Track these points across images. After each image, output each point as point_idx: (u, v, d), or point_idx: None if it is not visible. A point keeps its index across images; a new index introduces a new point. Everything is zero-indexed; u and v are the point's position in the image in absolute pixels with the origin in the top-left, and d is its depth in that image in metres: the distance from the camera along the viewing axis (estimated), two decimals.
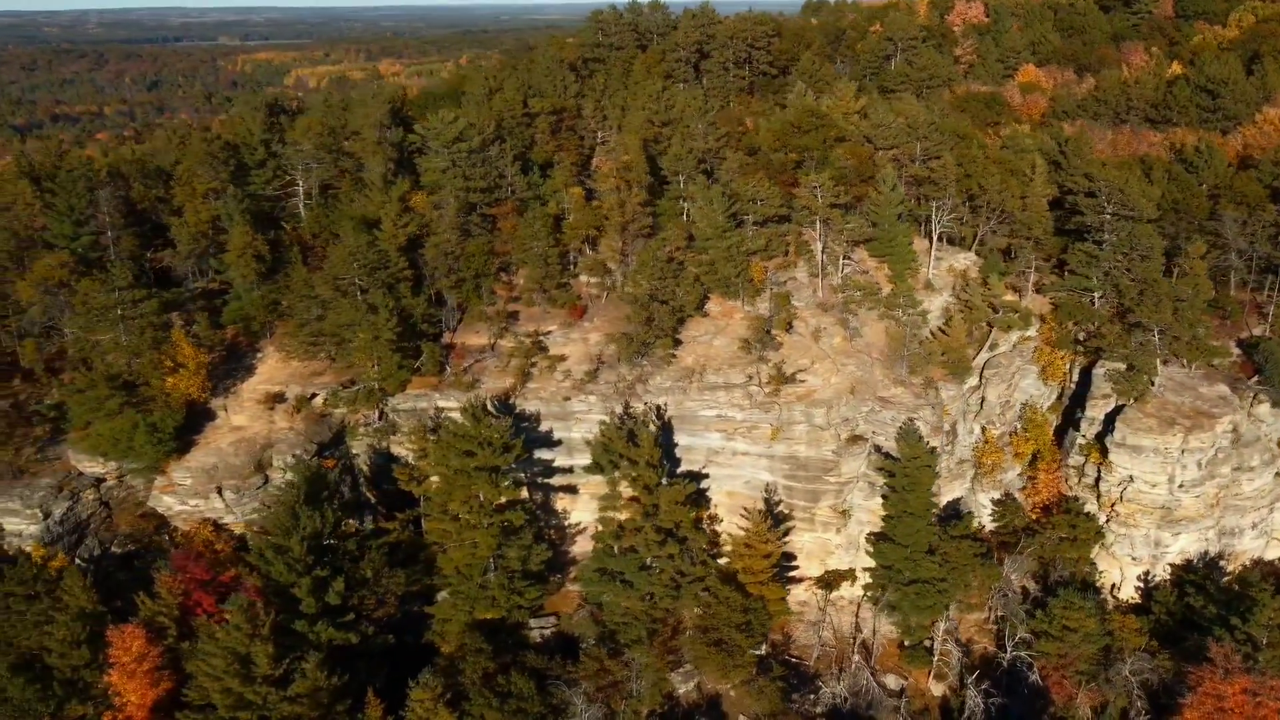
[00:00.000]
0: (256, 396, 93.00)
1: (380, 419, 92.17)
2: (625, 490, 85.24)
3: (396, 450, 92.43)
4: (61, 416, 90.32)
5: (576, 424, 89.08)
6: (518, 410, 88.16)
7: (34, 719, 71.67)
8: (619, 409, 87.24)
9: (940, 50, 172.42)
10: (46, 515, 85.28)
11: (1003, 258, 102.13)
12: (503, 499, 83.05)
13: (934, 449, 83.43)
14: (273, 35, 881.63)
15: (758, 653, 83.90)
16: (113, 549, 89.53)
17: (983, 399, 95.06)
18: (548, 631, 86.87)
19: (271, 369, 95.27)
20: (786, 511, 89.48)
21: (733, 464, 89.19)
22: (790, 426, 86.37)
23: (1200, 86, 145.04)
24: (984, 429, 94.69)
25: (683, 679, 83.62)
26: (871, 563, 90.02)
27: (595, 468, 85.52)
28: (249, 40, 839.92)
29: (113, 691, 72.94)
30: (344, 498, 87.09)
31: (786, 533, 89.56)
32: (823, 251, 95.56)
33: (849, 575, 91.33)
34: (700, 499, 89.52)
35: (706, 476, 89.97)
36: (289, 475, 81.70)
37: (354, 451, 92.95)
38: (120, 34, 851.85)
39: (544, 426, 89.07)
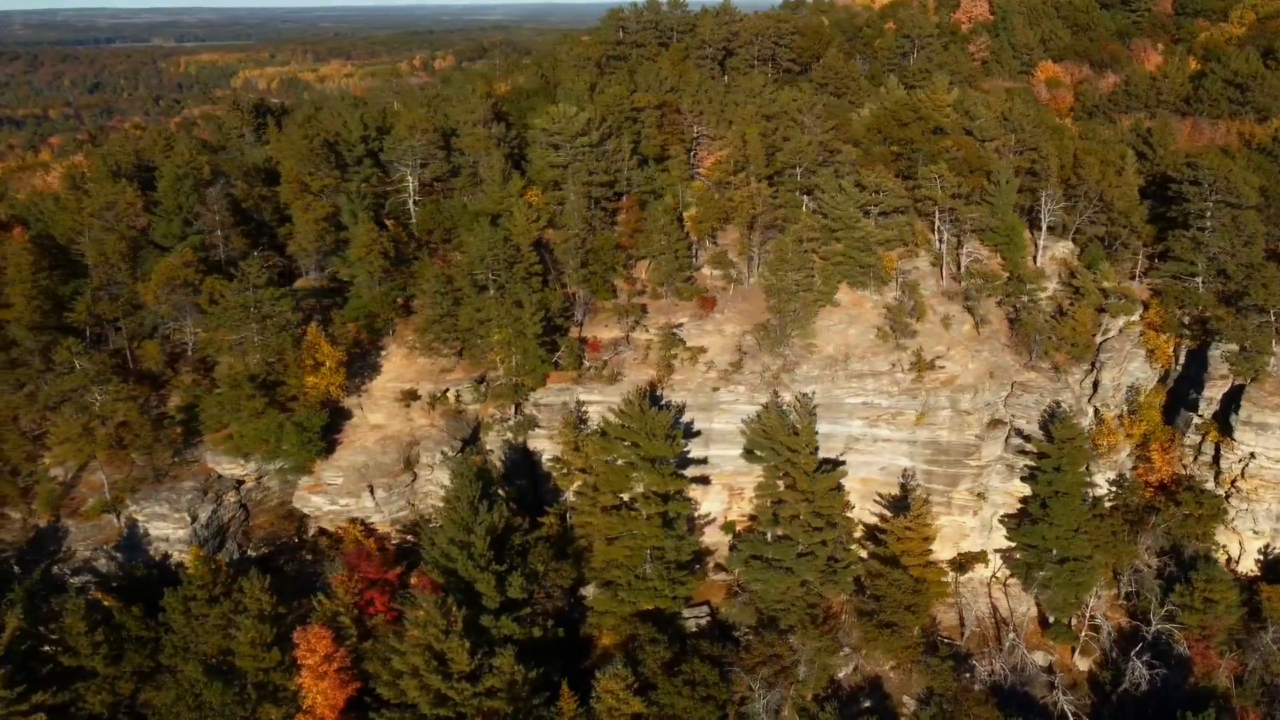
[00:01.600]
0: (389, 394, 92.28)
1: (516, 414, 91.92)
2: (774, 478, 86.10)
3: (533, 445, 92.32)
4: (192, 419, 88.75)
5: (719, 414, 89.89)
6: (664, 402, 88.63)
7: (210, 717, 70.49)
8: (766, 398, 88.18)
9: (949, 48, 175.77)
10: (194, 519, 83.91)
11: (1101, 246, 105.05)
12: (669, 489, 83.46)
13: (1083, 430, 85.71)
14: (209, 36, 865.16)
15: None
16: (249, 552, 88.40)
17: (1095, 383, 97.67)
18: (703, 620, 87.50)
19: (398, 366, 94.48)
20: (923, 496, 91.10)
21: (871, 450, 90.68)
22: (935, 412, 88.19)
23: (1228, 80, 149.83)
24: (1099, 411, 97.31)
25: (842, 662, 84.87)
26: (1003, 544, 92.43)
27: (751, 456, 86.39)
28: (185, 41, 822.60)
29: (303, 693, 72.25)
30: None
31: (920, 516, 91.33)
32: (941, 242, 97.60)
33: (981, 557, 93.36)
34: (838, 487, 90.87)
35: (844, 463, 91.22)
36: (457, 471, 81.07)
37: (488, 447, 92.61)
38: (49, 35, 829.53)
39: (686, 417, 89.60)
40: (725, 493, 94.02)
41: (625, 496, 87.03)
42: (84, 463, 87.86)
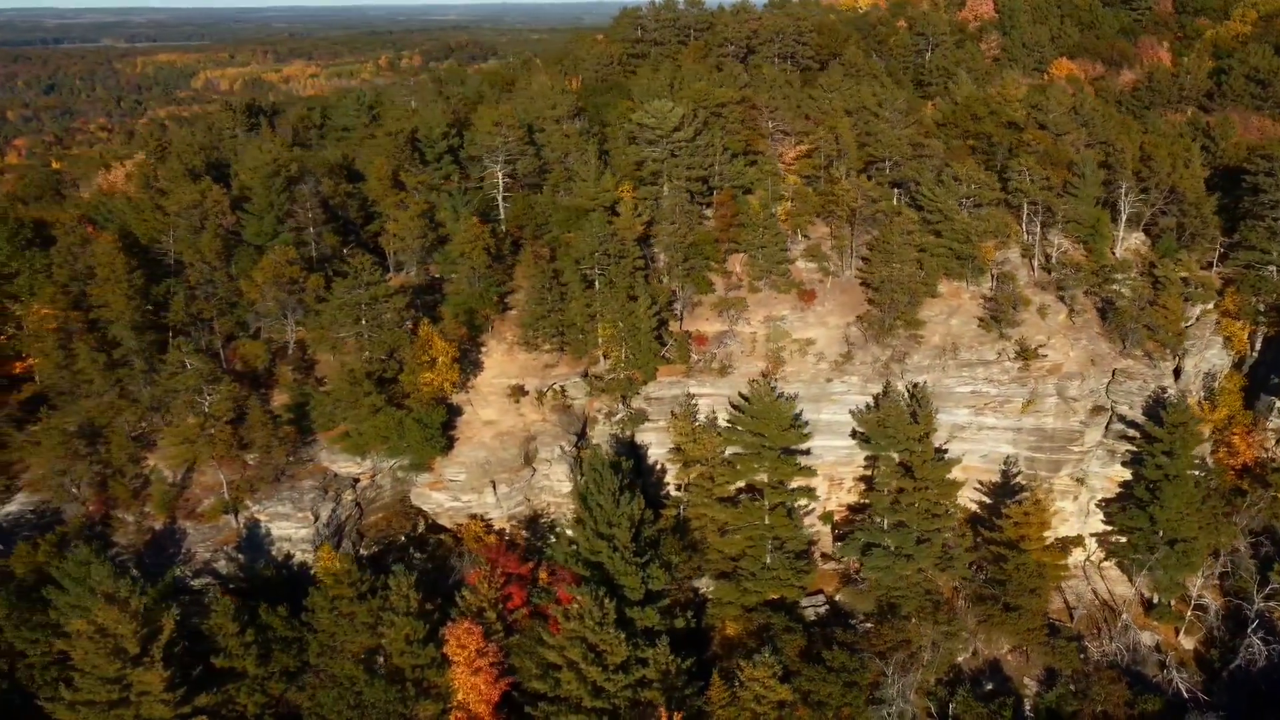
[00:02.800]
0: (495, 390, 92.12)
1: (624, 408, 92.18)
2: (891, 466, 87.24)
3: (641, 439, 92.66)
4: (301, 417, 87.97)
5: (829, 405, 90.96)
6: (778, 393, 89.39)
7: (390, 718, 70.16)
8: (878, 389, 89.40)
9: (963, 45, 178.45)
10: (316, 518, 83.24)
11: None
12: (794, 482, 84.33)
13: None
14: (160, 37, 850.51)
15: None
16: (360, 550, 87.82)
17: (1177, 369, 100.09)
18: (821, 609, 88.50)
19: (500, 362, 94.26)
20: (1024, 483, 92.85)
21: (976, 439, 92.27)
22: (1041, 399, 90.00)
23: (1249, 76, 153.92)
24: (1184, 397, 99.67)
25: (962, 646, 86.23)
26: (1099, 528, 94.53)
27: (867, 444, 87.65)
28: (135, 42, 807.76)
29: (455, 689, 72.25)
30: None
31: (1021, 503, 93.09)
32: (1028, 234, 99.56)
33: (1078, 541, 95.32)
34: None
35: (946, 452, 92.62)
36: (591, 463, 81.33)
37: (594, 441, 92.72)
38: None
39: (794, 408, 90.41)
40: (825, 483, 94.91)
41: (735, 486, 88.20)
42: (192, 463, 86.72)
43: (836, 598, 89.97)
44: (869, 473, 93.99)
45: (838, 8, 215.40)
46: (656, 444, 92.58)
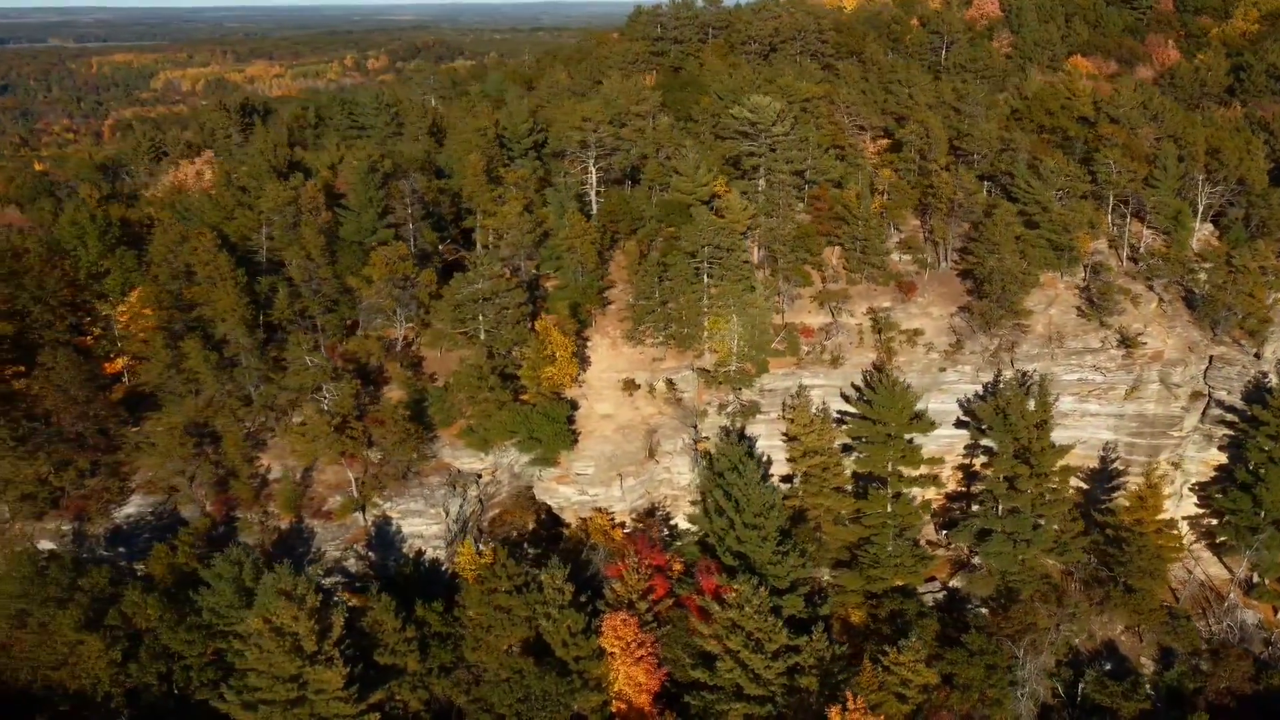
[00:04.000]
0: (607, 384, 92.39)
1: (735, 400, 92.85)
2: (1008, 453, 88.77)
3: (751, 430, 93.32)
4: (420, 414, 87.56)
5: (939, 394, 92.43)
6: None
7: (557, 710, 70.28)
8: (988, 378, 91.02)
9: (980, 43, 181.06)
10: (447, 514, 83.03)
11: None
12: (917, 470, 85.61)
13: None
14: (110, 36, 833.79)
15: None
16: (480, 546, 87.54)
17: (1256, 354, 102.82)
18: (939, 594, 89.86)
19: (607, 357, 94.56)
20: (1121, 468, 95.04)
21: (1079, 425, 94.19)
22: (1144, 386, 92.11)
23: (1268, 73, 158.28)
24: None
25: (1078, 628, 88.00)
26: (1192, 511, 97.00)
27: (981, 433, 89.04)
28: (85, 42, 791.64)
29: (612, 680, 72.68)
30: None
31: (1117, 488, 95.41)
32: (1116, 225, 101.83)
33: (1171, 524, 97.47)
34: None
35: None
36: (724, 452, 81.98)
37: (703, 434, 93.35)
38: None
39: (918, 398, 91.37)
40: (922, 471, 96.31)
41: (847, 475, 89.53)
42: (310, 462, 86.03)
43: (951, 583, 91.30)
44: (967, 461, 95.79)
45: (824, 6, 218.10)
46: (765, 435, 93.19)
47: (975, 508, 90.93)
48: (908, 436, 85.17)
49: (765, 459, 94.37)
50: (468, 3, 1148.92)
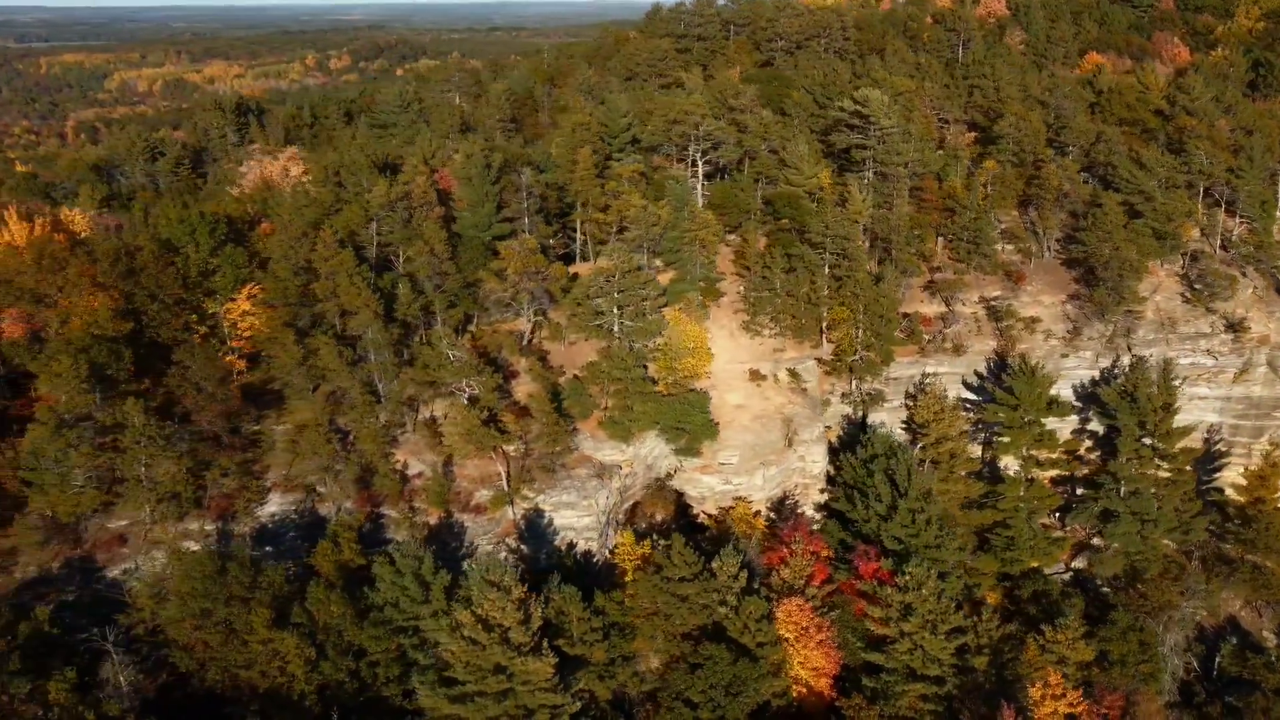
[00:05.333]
0: (731, 374, 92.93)
1: (857, 389, 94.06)
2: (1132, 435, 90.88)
3: (873, 418, 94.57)
4: (557, 406, 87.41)
5: (1056, 380, 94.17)
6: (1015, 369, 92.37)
7: (750, 696, 70.76)
8: (1106, 363, 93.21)
9: (998, 41, 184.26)
10: (597, 505, 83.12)
11: None
12: (1055, 454, 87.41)
13: None
14: (52, 36, 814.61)
15: None
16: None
17: None
18: (1065, 575, 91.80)
19: (727, 347, 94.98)
20: (1224, 450, 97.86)
21: (1187, 409, 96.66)
22: (1253, 369, 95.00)
23: None
24: None
25: (1202, 605, 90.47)
26: None
27: (1105, 416, 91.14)
28: (27, 42, 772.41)
29: (789, 664, 73.43)
30: None
31: (1219, 469, 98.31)
32: (1205, 214, 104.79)
33: None
34: None
35: None
36: (872, 441, 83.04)
37: (824, 424, 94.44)
38: None
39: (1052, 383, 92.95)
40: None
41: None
42: (456, 457, 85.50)
43: (1074, 564, 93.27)
44: (1074, 445, 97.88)
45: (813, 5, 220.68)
46: (885, 423, 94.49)
47: (1079, 491, 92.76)
48: (1044, 421, 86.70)
49: None
50: (418, 3, 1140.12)
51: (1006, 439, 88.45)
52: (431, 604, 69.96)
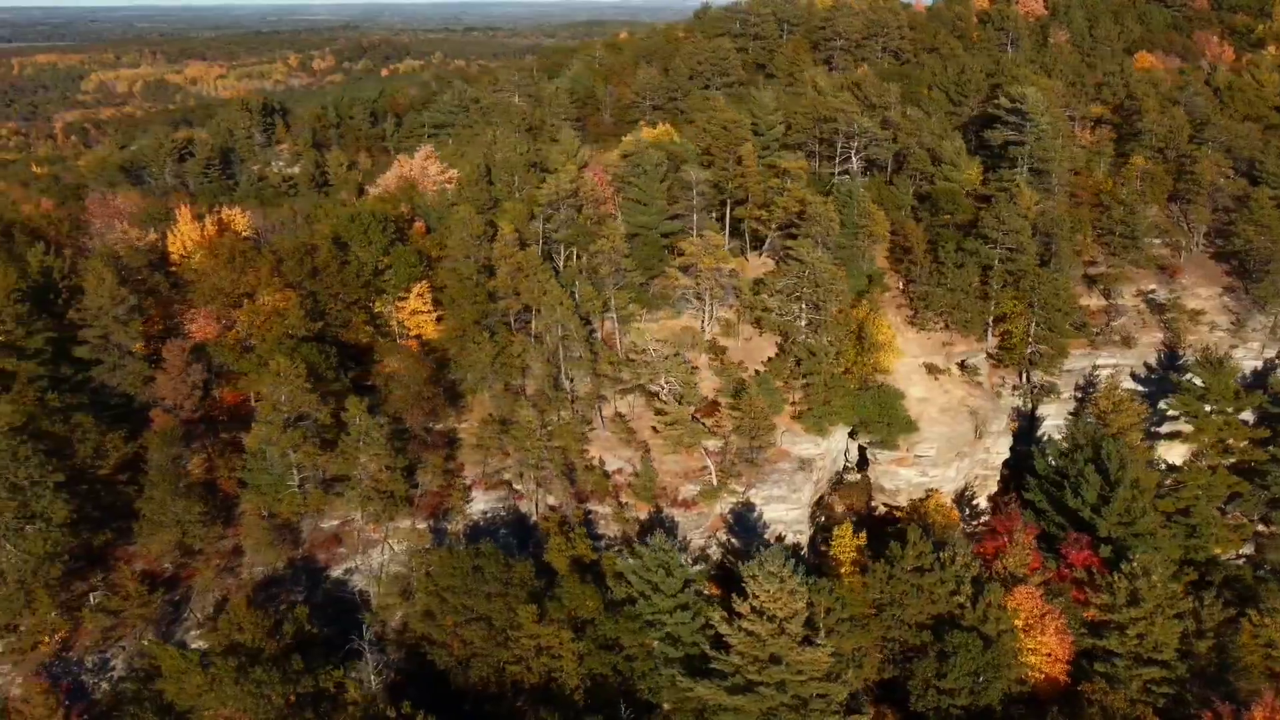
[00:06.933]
0: (908, 368, 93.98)
1: (1027, 382, 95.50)
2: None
3: (1042, 410, 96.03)
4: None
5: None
6: (1184, 361, 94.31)
7: (1002, 682, 71.64)
8: (1271, 353, 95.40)
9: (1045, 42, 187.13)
10: (803, 499, 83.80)
11: None
12: (1244, 442, 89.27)
13: None
14: (14, 37, 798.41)
15: None
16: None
17: None
18: (1239, 563, 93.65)
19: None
20: None
21: None
22: None
23: None
24: None
25: None
26: None
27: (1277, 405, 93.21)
28: None
29: (1021, 650, 74.46)
30: None
31: None
32: None
33: None
34: None
35: None
36: (1074, 432, 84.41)
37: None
38: None
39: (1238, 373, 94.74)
40: (1184, 448, 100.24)
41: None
42: (644, 452, 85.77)
43: (1242, 550, 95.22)
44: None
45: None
46: (1053, 415, 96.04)
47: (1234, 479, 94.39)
48: (1230, 410, 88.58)
49: (1046, 439, 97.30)
50: (386, 2, 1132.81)
51: (1190, 429, 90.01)
52: (677, 597, 70.22)
